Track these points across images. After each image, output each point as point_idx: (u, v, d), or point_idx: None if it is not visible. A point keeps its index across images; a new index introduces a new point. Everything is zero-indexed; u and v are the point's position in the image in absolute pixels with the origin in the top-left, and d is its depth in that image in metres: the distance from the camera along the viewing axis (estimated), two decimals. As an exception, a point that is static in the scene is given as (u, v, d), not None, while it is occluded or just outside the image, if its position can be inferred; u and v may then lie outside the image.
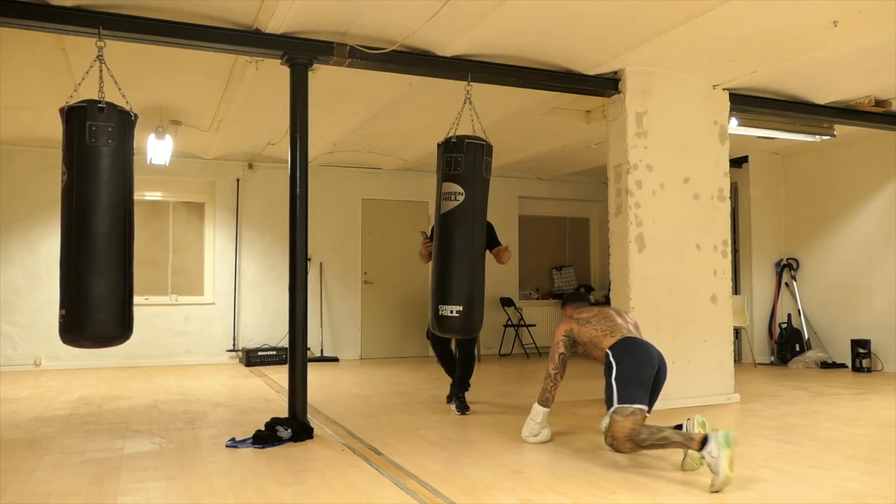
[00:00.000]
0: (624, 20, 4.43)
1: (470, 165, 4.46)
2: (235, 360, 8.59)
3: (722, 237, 5.58)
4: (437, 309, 4.40)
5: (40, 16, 3.99)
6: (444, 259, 4.44)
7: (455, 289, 4.39)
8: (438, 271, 4.48)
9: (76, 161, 3.75)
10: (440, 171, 4.54)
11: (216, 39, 4.41)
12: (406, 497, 3.00)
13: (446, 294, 4.38)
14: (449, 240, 4.44)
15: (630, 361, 3.59)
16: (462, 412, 5.00)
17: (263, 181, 8.83)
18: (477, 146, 4.50)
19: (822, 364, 7.78)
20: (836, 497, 2.99)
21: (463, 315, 4.36)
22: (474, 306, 4.42)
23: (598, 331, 3.80)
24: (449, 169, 4.46)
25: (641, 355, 3.65)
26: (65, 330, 3.74)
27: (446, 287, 4.40)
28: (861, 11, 4.26)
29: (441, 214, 4.48)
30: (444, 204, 4.47)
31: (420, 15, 4.28)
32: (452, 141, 4.47)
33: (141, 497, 3.01)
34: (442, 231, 4.48)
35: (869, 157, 7.68)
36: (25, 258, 7.90)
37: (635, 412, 3.44)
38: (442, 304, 4.38)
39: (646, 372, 3.59)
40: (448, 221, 4.45)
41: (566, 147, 7.95)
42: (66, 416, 4.95)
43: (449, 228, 4.45)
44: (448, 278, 4.41)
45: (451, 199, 4.44)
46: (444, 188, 4.47)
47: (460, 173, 4.45)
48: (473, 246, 4.47)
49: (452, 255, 4.43)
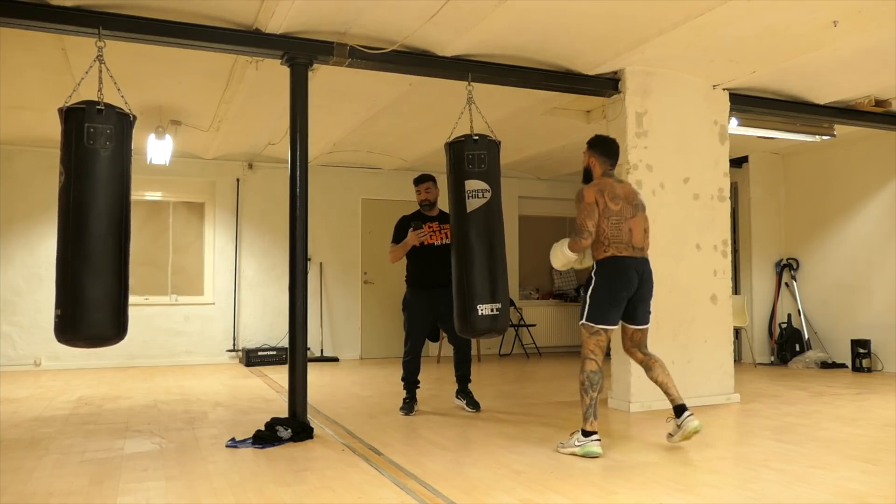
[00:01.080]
0: (624, 20, 4.43)
1: (492, 162, 4.43)
2: (235, 360, 8.59)
3: (722, 237, 5.58)
4: (477, 309, 4.25)
5: (40, 16, 3.99)
6: (479, 257, 4.33)
7: (497, 287, 4.33)
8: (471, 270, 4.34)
9: (74, 162, 3.74)
10: (458, 169, 4.42)
11: (216, 39, 4.41)
12: (406, 497, 3.00)
13: (489, 292, 4.28)
14: (483, 237, 4.35)
15: (607, 285, 3.82)
16: (477, 408, 5.11)
17: (263, 181, 8.83)
18: (494, 144, 4.48)
19: (822, 364, 7.78)
20: (836, 497, 2.99)
21: (502, 313, 4.33)
22: (507, 304, 4.42)
23: (605, 235, 3.84)
24: (472, 167, 4.38)
25: (621, 280, 3.84)
26: (60, 330, 3.74)
27: (489, 285, 4.30)
28: (861, 11, 4.26)
29: (468, 213, 4.37)
30: (469, 202, 4.36)
31: (420, 15, 4.28)
32: (474, 139, 4.44)
33: (141, 497, 3.01)
34: (470, 229, 4.37)
35: (869, 157, 7.68)
36: (25, 258, 7.90)
37: (599, 332, 3.80)
38: (482, 304, 4.26)
39: (621, 296, 3.84)
40: (478, 219, 4.36)
41: (566, 147, 7.95)
42: (66, 416, 4.95)
43: (480, 225, 4.36)
44: (490, 276, 4.31)
45: (478, 197, 4.35)
46: (467, 186, 4.37)
47: (485, 170, 4.39)
48: (502, 242, 4.46)
49: (490, 252, 4.34)
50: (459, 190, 4.40)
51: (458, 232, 4.41)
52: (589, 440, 3.70)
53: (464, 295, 4.31)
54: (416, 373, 5.21)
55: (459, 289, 4.34)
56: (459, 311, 4.33)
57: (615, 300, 3.83)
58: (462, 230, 4.38)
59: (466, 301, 4.29)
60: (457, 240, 4.41)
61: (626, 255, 3.86)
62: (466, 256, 4.35)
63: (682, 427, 3.85)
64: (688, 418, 3.83)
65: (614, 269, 3.84)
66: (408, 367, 5.21)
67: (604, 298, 3.81)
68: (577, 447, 3.71)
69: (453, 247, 4.46)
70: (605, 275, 3.83)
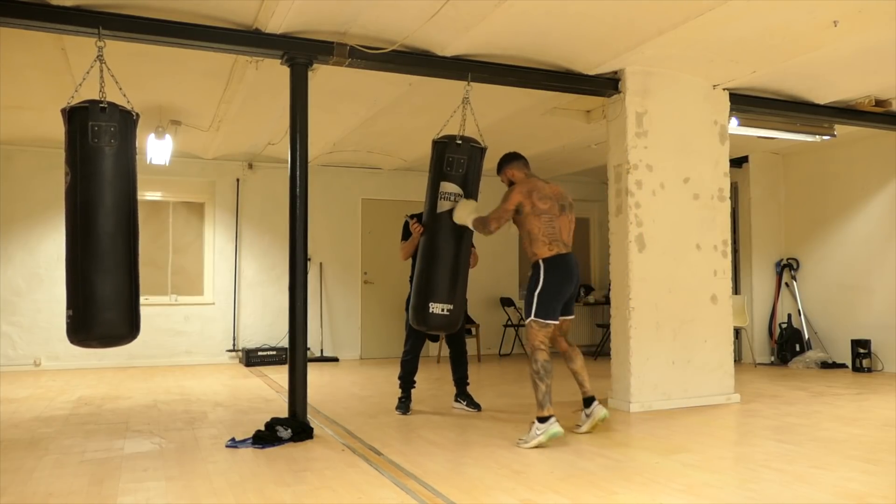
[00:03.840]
0: (624, 20, 4.43)
1: (470, 168, 4.50)
2: (235, 360, 8.59)
3: (722, 237, 5.58)
4: (427, 305, 4.40)
5: (40, 16, 3.99)
6: (436, 257, 4.43)
7: (448, 288, 4.40)
8: (429, 268, 4.46)
9: (79, 161, 3.75)
10: (437, 168, 4.53)
11: (216, 39, 4.41)
12: (406, 497, 3.00)
13: (437, 292, 4.39)
14: (449, 240, 4.43)
15: (554, 281, 4.06)
16: (478, 409, 5.16)
17: (263, 181, 8.83)
18: (478, 150, 4.56)
19: (823, 364, 7.78)
20: (836, 497, 2.99)
21: (453, 314, 4.43)
22: (461, 305, 4.54)
23: (542, 233, 4.09)
24: (450, 169, 4.47)
25: (565, 276, 4.10)
26: (72, 330, 3.75)
27: (438, 285, 4.40)
28: (861, 11, 4.26)
29: (438, 213, 4.47)
30: (441, 203, 4.47)
31: (420, 15, 4.28)
32: (457, 142, 4.47)
33: (141, 497, 3.01)
34: (439, 230, 4.46)
35: (869, 157, 7.68)
36: (25, 258, 7.90)
37: (548, 325, 4.05)
38: (433, 302, 4.39)
39: (565, 291, 4.13)
40: (447, 221, 4.44)
41: (566, 147, 7.95)
42: (66, 416, 4.95)
43: (448, 228, 4.43)
44: (440, 277, 4.41)
45: (448, 199, 4.46)
46: (442, 187, 4.48)
47: (461, 174, 4.48)
48: (468, 247, 4.58)
49: (453, 256, 4.43)
50: (434, 189, 4.52)
51: (428, 229, 4.54)
52: (548, 424, 3.87)
53: (421, 290, 4.46)
54: (413, 373, 5.24)
55: (419, 284, 4.49)
56: (415, 305, 4.48)
57: (562, 295, 4.12)
58: (431, 229, 4.51)
59: (423, 297, 4.44)
60: (426, 237, 4.55)
61: (566, 253, 4.13)
62: (431, 254, 4.48)
63: (590, 416, 4.24)
64: (596, 407, 4.24)
65: (563, 267, 4.10)
66: (405, 367, 5.24)
67: (553, 295, 4.07)
68: (539, 435, 3.85)
69: (421, 242, 4.61)
70: (553, 272, 4.07)
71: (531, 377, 4.02)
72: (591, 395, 4.30)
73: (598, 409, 4.23)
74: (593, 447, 3.92)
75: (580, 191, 10.43)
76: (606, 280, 8.66)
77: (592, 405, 4.27)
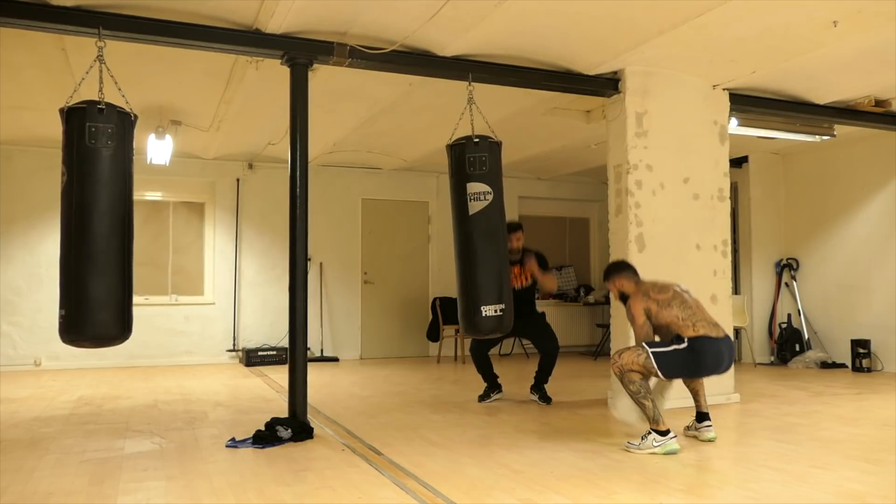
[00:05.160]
0: (624, 20, 4.43)
1: (493, 164, 4.45)
2: (235, 360, 8.59)
3: (722, 237, 5.58)
4: (479, 310, 4.31)
5: (40, 16, 3.99)
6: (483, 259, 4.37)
7: (503, 288, 4.37)
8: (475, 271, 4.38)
9: (75, 162, 3.74)
10: (459, 171, 4.45)
11: (216, 39, 4.41)
12: (406, 497, 3.00)
13: (494, 293, 4.33)
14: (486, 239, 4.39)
15: (697, 361, 3.84)
16: (548, 402, 5.38)
17: (263, 181, 8.83)
18: (496, 145, 4.52)
19: (822, 364, 7.78)
20: (836, 497, 2.99)
21: (506, 313, 4.37)
22: (511, 306, 4.46)
23: (680, 319, 3.88)
24: (473, 169, 4.41)
25: (709, 362, 3.88)
26: (64, 330, 3.75)
27: (494, 286, 4.34)
28: (861, 11, 4.26)
29: (470, 216, 4.40)
30: (472, 205, 4.40)
31: (420, 15, 4.28)
32: (475, 141, 4.45)
33: (141, 497, 3.02)
34: (473, 231, 4.41)
35: (869, 157, 7.68)
36: (25, 258, 7.90)
37: (656, 372, 3.80)
38: (486, 305, 4.31)
39: (698, 374, 4.00)
40: (481, 221, 4.39)
41: (566, 147, 7.95)
42: (66, 416, 4.96)
43: (483, 227, 4.40)
44: (494, 277, 4.36)
45: (480, 199, 4.39)
46: (469, 189, 4.41)
47: (485, 172, 4.42)
48: (506, 244, 4.57)
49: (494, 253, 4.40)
50: (461, 193, 4.44)
51: (460, 234, 4.45)
52: (667, 438, 3.75)
53: (468, 296, 4.36)
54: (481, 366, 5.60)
55: (464, 290, 4.40)
56: (464, 313, 4.38)
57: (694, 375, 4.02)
58: (465, 233, 4.42)
59: (471, 302, 4.34)
60: (460, 242, 4.45)
61: (716, 338, 3.88)
62: (470, 258, 4.39)
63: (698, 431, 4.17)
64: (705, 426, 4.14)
65: (710, 357, 3.87)
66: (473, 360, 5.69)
67: (682, 368, 3.89)
68: (656, 447, 3.74)
69: (456, 249, 4.51)
70: (698, 350, 3.84)
71: (633, 398, 3.86)
72: (705, 411, 4.16)
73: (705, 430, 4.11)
74: (593, 447, 3.92)
75: (580, 191, 10.44)
76: (606, 280, 8.66)
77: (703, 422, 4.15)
